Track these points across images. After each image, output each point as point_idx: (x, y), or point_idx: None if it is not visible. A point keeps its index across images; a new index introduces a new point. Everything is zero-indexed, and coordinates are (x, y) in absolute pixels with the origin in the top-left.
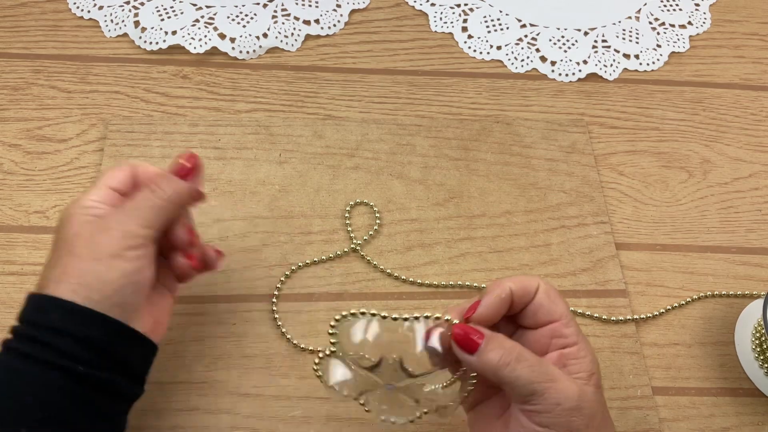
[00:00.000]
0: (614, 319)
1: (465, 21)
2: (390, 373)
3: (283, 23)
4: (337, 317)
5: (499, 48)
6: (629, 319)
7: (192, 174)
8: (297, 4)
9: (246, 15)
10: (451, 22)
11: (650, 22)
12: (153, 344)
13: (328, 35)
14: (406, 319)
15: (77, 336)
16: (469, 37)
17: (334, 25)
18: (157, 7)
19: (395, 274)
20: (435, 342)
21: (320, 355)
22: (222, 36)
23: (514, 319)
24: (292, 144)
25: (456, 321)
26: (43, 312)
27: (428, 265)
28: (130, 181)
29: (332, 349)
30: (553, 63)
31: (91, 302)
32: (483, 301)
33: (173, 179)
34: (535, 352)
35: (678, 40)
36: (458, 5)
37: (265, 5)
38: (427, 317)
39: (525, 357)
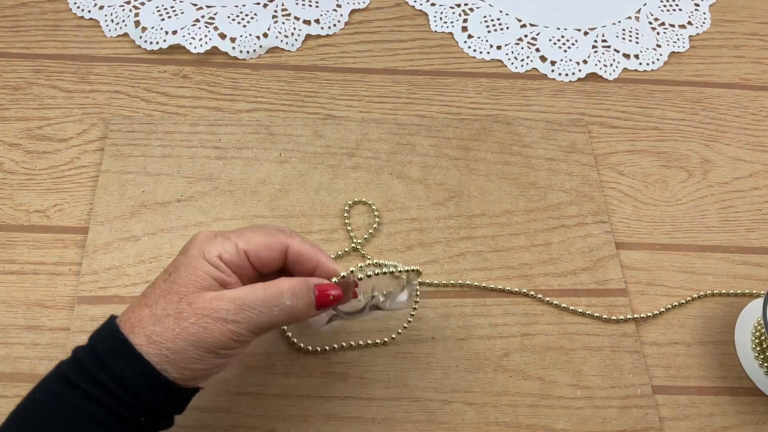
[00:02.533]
0: (614, 318)
1: (465, 21)
2: (365, 314)
3: (283, 23)
4: (343, 274)
5: (499, 48)
6: (629, 319)
7: (329, 305)
8: (297, 4)
9: (246, 15)
10: (451, 22)
11: (650, 22)
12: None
13: (328, 35)
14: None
15: (140, 396)
16: (469, 36)
17: (334, 25)
18: (157, 7)
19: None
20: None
21: None
22: (222, 36)
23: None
24: (293, 143)
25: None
26: (120, 359)
27: (428, 264)
28: (271, 260)
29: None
30: (553, 63)
31: (167, 368)
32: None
33: (311, 304)
34: None
35: (678, 40)
36: (458, 5)
37: (265, 5)
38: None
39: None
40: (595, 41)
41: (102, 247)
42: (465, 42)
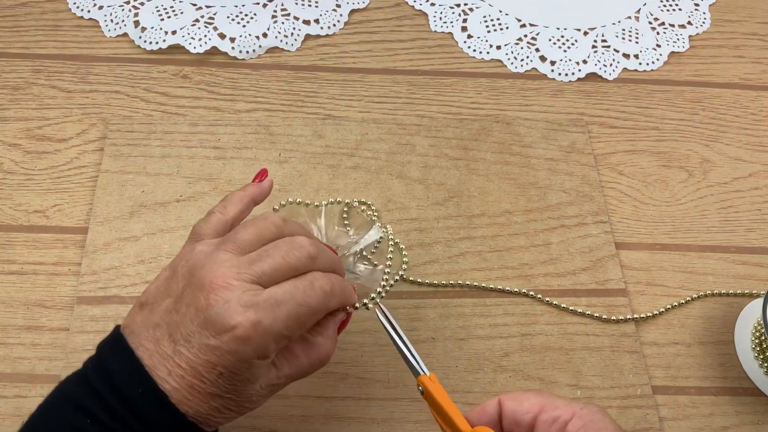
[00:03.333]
0: (614, 318)
1: (465, 21)
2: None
3: (282, 23)
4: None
5: (498, 48)
6: (629, 319)
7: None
8: (297, 4)
9: (246, 15)
10: (451, 22)
11: (650, 22)
12: None
13: (327, 35)
14: None
15: (147, 420)
16: (469, 36)
17: (334, 25)
18: (157, 7)
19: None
20: None
21: None
22: (222, 36)
23: None
24: (292, 144)
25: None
26: (131, 383)
27: (428, 264)
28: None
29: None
30: (552, 63)
31: (184, 403)
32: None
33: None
34: None
35: (678, 40)
36: (458, 5)
37: (264, 5)
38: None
39: None
40: (595, 41)
41: (102, 247)
42: (465, 42)
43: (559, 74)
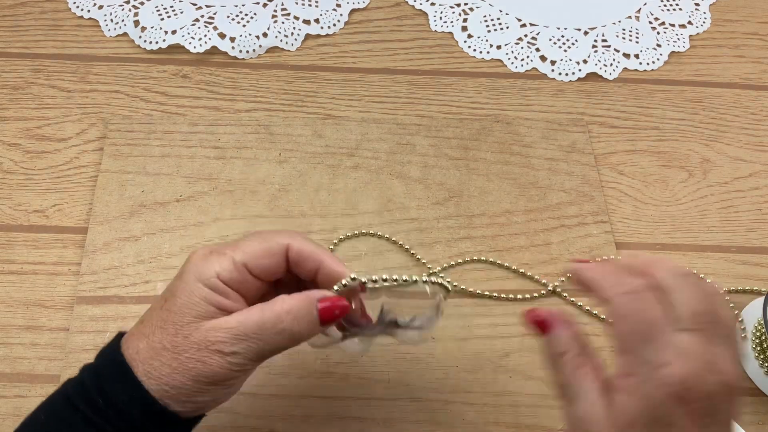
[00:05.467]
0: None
1: (465, 20)
2: (381, 328)
3: (282, 23)
4: (344, 282)
5: (499, 47)
6: None
7: (335, 320)
8: (297, 3)
9: (246, 14)
10: (451, 22)
11: (650, 22)
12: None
13: (327, 35)
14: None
15: (135, 424)
16: (469, 36)
17: (334, 25)
18: (156, 7)
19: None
20: None
21: None
22: (222, 35)
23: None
24: (292, 143)
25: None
26: (117, 382)
27: (428, 264)
28: (273, 266)
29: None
30: (553, 62)
31: (169, 402)
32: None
33: (314, 322)
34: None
35: (678, 39)
36: (458, 5)
37: (265, 5)
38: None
39: (562, 366)
40: (595, 41)
41: (101, 247)
42: (465, 42)
43: (560, 74)
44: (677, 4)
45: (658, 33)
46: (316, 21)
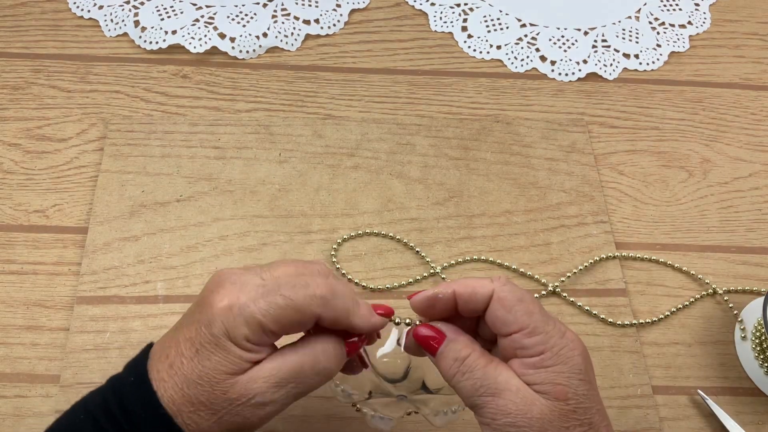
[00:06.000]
0: (619, 323)
1: (465, 21)
2: (408, 386)
3: (282, 23)
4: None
5: (499, 47)
6: (632, 324)
7: (356, 351)
8: (297, 3)
9: (246, 15)
10: (451, 22)
11: (650, 22)
12: None
13: (327, 35)
14: None
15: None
16: (469, 36)
17: (334, 25)
18: (157, 7)
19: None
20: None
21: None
22: (222, 35)
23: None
24: (292, 143)
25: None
26: (146, 407)
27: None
28: (299, 329)
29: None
30: (552, 62)
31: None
32: (415, 297)
33: (341, 361)
34: (504, 358)
35: (678, 39)
36: (458, 5)
37: (265, 5)
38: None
39: (472, 368)
40: (595, 41)
41: (101, 247)
42: (465, 42)
43: (560, 74)
44: (677, 4)
45: (658, 33)
46: (316, 21)
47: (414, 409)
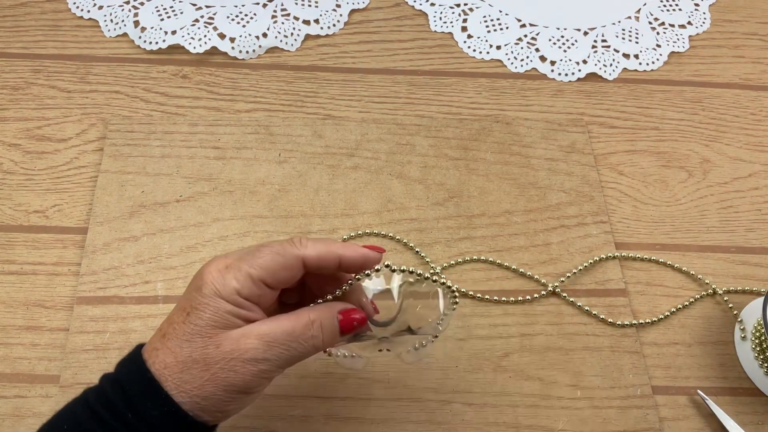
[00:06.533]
0: (619, 323)
1: (465, 21)
2: (394, 328)
3: (282, 23)
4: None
5: (498, 48)
6: (632, 324)
7: (353, 331)
8: (297, 4)
9: (246, 15)
10: (451, 22)
11: (650, 22)
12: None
13: (327, 35)
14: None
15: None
16: (469, 36)
17: (334, 25)
18: (156, 7)
19: None
20: None
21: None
22: (222, 36)
23: None
24: (292, 144)
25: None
26: (147, 399)
27: (428, 264)
28: (290, 277)
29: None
30: (552, 63)
31: (200, 414)
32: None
33: (335, 333)
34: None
35: (678, 40)
36: (458, 5)
37: (264, 5)
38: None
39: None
40: (595, 41)
41: (101, 247)
42: (465, 42)
43: (559, 74)
44: (677, 5)
45: (658, 33)
46: (316, 21)
47: (387, 347)
